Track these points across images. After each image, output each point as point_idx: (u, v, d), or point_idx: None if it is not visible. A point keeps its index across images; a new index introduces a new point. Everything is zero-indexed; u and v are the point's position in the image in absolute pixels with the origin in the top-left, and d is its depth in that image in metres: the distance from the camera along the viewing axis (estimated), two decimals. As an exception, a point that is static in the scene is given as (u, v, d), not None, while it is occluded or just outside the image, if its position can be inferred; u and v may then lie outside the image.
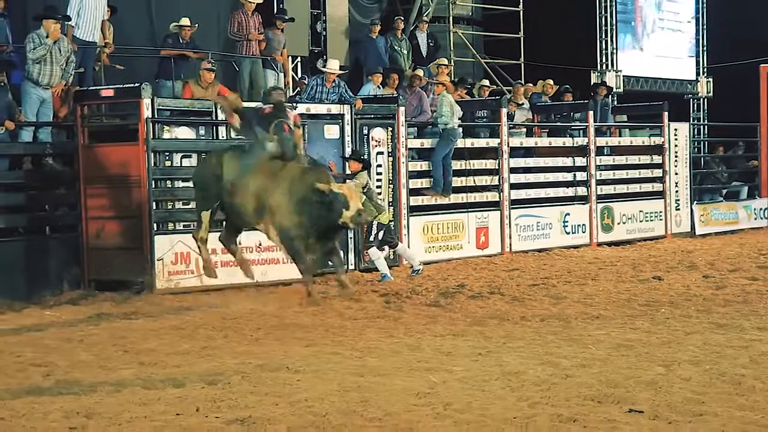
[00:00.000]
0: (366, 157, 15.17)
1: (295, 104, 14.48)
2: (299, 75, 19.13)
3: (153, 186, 13.53)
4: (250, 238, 14.08)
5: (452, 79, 19.41)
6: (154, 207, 13.54)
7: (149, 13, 17.38)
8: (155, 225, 13.52)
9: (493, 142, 18.00)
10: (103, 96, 14.26)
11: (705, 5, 26.71)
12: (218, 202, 12.69)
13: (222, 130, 14.35)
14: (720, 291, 12.86)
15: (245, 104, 13.11)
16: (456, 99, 17.51)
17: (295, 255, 12.50)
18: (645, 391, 7.41)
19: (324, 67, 16.51)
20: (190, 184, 13.38)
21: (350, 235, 15.43)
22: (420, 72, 18.20)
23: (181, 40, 16.10)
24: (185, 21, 16.10)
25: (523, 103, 19.97)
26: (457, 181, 17.12)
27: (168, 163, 13.87)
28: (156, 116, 13.64)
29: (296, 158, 12.51)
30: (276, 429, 6.64)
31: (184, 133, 14.11)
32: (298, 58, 19.35)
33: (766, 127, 23.50)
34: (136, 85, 13.68)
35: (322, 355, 9.25)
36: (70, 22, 14.35)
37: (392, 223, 15.30)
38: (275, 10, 18.27)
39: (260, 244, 14.16)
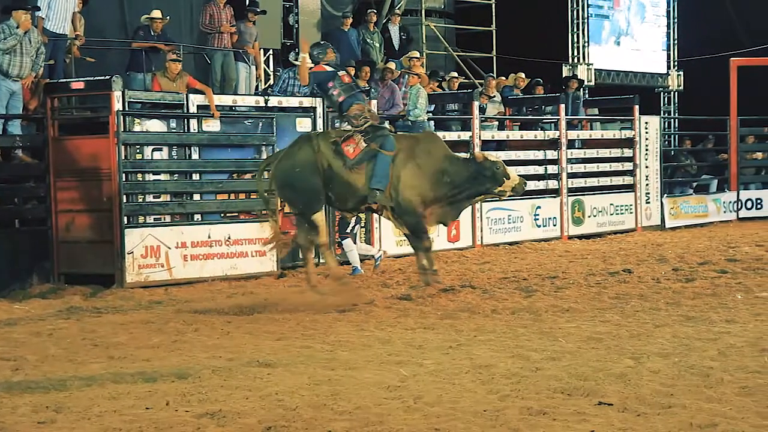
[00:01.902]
0: None
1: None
2: (271, 68, 19.10)
3: (123, 179, 13.48)
4: (219, 232, 14.07)
5: (425, 71, 19.42)
6: (125, 200, 13.49)
7: (121, 5, 17.32)
8: (125, 218, 13.48)
9: (465, 136, 18.02)
10: (73, 88, 14.19)
11: (676, -1, 26.86)
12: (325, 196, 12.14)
13: (193, 123, 14.31)
14: (689, 284, 12.92)
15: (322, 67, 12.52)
16: (428, 92, 17.52)
17: (416, 231, 12.22)
18: (614, 384, 7.43)
19: (296, 60, 16.48)
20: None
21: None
22: (392, 65, 18.20)
23: (152, 33, 16.05)
24: (156, 13, 16.05)
25: (494, 96, 20.01)
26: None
27: (139, 156, 13.82)
28: (127, 109, 13.58)
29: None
30: (246, 422, 6.63)
31: (155, 126, 14.07)
32: (270, 51, 19.31)
33: (736, 121, 23.63)
34: (107, 77, 13.63)
35: (292, 348, 9.25)
36: (40, 13, 14.28)
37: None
38: (247, 3, 18.23)
39: (229, 238, 14.14)
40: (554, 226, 19.22)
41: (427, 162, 12.14)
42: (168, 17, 16.22)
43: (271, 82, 18.18)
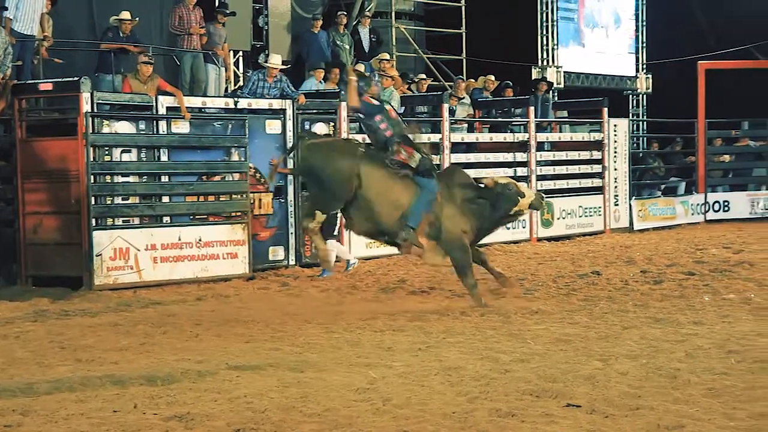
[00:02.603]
0: None
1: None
2: (240, 69, 19.06)
3: (92, 181, 13.41)
4: (189, 234, 14.03)
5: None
6: (93, 202, 13.43)
7: (89, 6, 17.21)
8: (94, 220, 13.41)
9: (435, 138, 18.04)
10: (41, 90, 14.14)
11: (645, 2, 26.94)
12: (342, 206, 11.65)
13: (162, 124, 14.27)
14: (657, 286, 13.00)
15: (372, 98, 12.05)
16: (399, 94, 17.52)
17: (462, 268, 11.68)
18: (583, 386, 7.47)
19: (266, 62, 16.46)
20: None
21: (291, 230, 15.44)
22: (361, 67, 18.18)
23: (121, 34, 15.96)
24: (125, 14, 15.96)
25: (464, 99, 20.04)
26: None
27: (107, 158, 13.76)
28: (95, 110, 13.52)
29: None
30: (215, 425, 6.62)
31: (124, 127, 14.00)
32: (240, 53, 19.27)
33: (704, 124, 23.77)
34: (76, 78, 13.57)
35: (261, 350, 9.24)
36: (7, 14, 14.18)
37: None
38: (217, 4, 18.18)
39: (200, 239, 14.11)
40: (523, 228, 19.24)
41: (463, 197, 11.78)
42: (137, 18, 16.14)
43: (241, 83, 18.12)
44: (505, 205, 11.80)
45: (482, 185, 11.91)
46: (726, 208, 23.78)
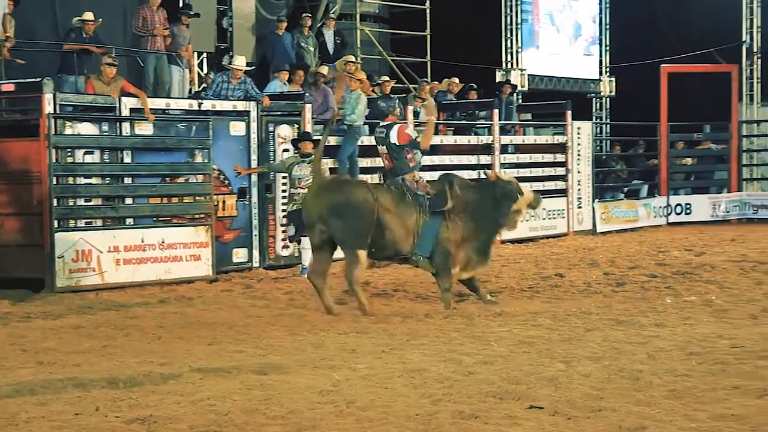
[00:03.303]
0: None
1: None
2: (204, 71, 19.00)
3: (54, 182, 13.33)
4: (152, 236, 13.98)
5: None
6: (55, 204, 13.35)
7: (52, 6, 17.12)
8: (56, 222, 13.34)
9: (399, 140, 18.01)
10: (3, 91, 14.05)
11: (608, 5, 27.08)
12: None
13: (126, 126, 14.20)
14: (620, 288, 13.07)
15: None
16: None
17: (442, 270, 11.76)
18: (545, 388, 7.50)
19: (230, 63, 16.42)
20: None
21: (255, 232, 15.41)
22: (324, 69, 18.18)
23: (84, 35, 15.87)
24: (89, 15, 15.88)
25: (427, 101, 20.05)
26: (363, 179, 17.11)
27: (70, 159, 13.68)
28: (58, 111, 13.44)
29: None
30: (177, 428, 6.60)
31: (87, 129, 13.92)
32: (204, 54, 19.21)
33: (666, 127, 23.92)
34: (38, 79, 13.47)
35: (225, 353, 9.22)
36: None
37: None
38: (181, 6, 18.13)
39: (163, 242, 14.06)
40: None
41: (466, 210, 11.86)
42: (100, 19, 16.05)
43: (205, 85, 18.06)
44: (506, 202, 11.90)
45: (484, 178, 12.09)
46: (688, 211, 23.95)
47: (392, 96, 12.81)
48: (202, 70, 19.01)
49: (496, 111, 20.08)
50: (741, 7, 26.20)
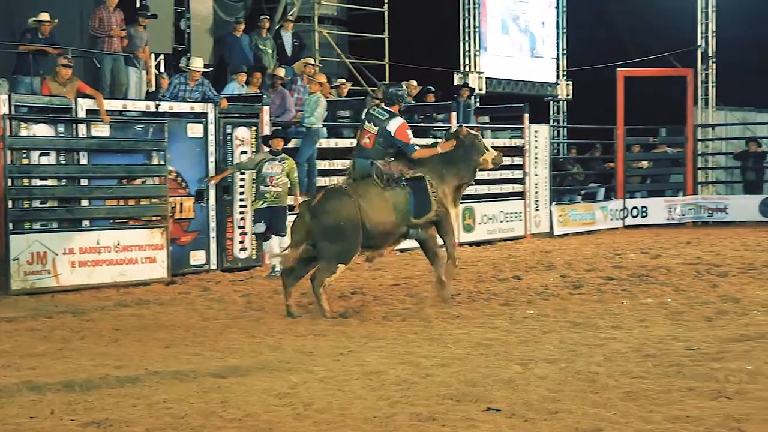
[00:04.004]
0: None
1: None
2: (162, 71, 18.89)
3: (9, 184, 13.23)
4: (108, 238, 13.90)
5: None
6: (10, 205, 13.25)
7: (7, 7, 17.01)
8: (11, 224, 13.23)
9: (357, 143, 18.02)
10: (-42, 91, 13.91)
11: (565, 10, 27.22)
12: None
13: (82, 127, 14.11)
14: (576, 290, 13.13)
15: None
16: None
17: (451, 232, 12.22)
18: (503, 390, 7.52)
19: (187, 65, 16.36)
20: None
21: (212, 235, 15.36)
22: (281, 71, 18.15)
23: (40, 35, 15.75)
24: (44, 16, 15.75)
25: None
26: (321, 182, 17.10)
27: (25, 161, 13.58)
28: (13, 113, 13.34)
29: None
30: (134, 431, 6.56)
31: (42, 130, 13.83)
32: (161, 56, 19.12)
33: (623, 130, 24.07)
34: (-7, 80, 13.39)
35: (182, 355, 9.18)
36: None
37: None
38: (138, 7, 18.03)
39: (118, 244, 13.98)
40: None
41: (441, 172, 12.14)
42: (56, 20, 15.94)
43: (162, 88, 17.96)
44: (474, 156, 12.32)
45: (454, 132, 12.46)
46: (644, 214, 24.11)
47: (402, 84, 12.78)
48: (160, 71, 18.91)
49: (453, 114, 20.14)
50: (696, 12, 26.42)
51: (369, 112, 12.26)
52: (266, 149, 15.07)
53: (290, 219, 13.78)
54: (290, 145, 16.87)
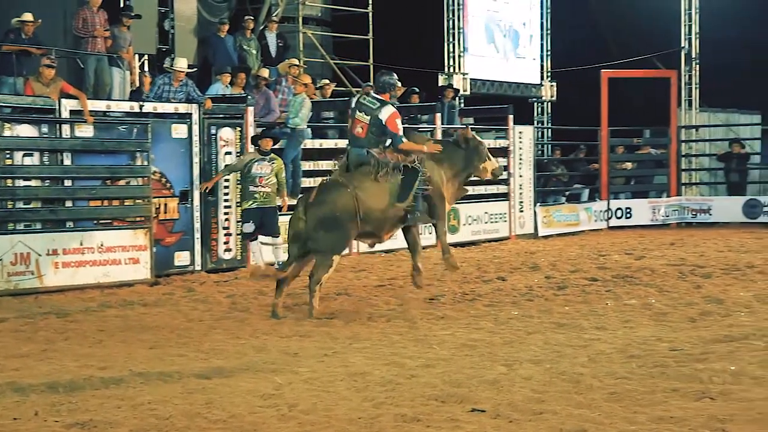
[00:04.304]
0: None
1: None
2: (146, 71, 18.82)
3: (-8, 185, 13.20)
4: (91, 239, 13.86)
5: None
6: (-6, 206, 13.22)
7: (-9, 7, 16.94)
8: (-6, 225, 13.21)
9: (342, 143, 18.03)
10: (-59, 92, 13.87)
11: (549, 11, 27.26)
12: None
13: (66, 128, 14.07)
14: (561, 291, 13.15)
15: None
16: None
17: (442, 218, 12.33)
18: (487, 391, 7.53)
19: (172, 65, 16.32)
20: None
21: (197, 235, 15.32)
22: (265, 71, 18.13)
23: (23, 36, 15.68)
24: (28, 16, 15.69)
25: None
26: (306, 182, 17.09)
27: (9, 162, 13.53)
28: (-4, 113, 13.30)
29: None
30: (118, 433, 6.56)
31: (26, 130, 13.78)
32: (145, 56, 19.07)
33: (607, 131, 24.11)
34: (-24, 81, 13.34)
35: (166, 357, 9.16)
36: None
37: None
38: (121, 7, 17.98)
39: (102, 245, 13.94)
40: (429, 234, 19.31)
41: (440, 163, 12.34)
42: (40, 20, 15.87)
43: (144, 89, 17.90)
44: (475, 161, 12.58)
45: (459, 135, 12.76)
46: (628, 215, 24.16)
47: (393, 73, 12.81)
48: (143, 72, 18.86)
49: (438, 115, 20.15)
50: (680, 13, 26.49)
51: (359, 101, 12.27)
52: (252, 149, 15.08)
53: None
54: (276, 146, 16.87)
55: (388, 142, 12.03)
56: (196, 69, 18.50)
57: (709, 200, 24.76)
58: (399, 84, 12.60)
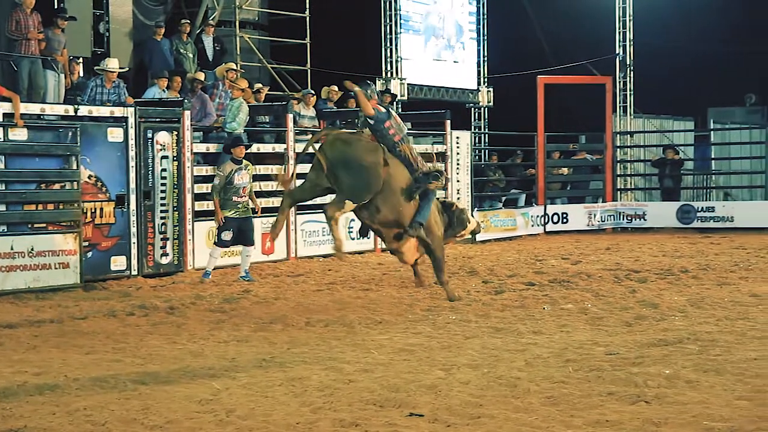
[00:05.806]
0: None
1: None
2: (81, 74, 18.63)
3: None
4: (22, 243, 13.69)
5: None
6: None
7: None
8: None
9: (279, 148, 18.01)
10: None
11: (486, 17, 27.40)
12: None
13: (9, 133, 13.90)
14: (498, 296, 13.21)
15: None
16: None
17: (441, 264, 13.04)
18: (425, 395, 7.54)
19: (102, 66, 16.17)
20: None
21: (133, 240, 15.19)
22: (201, 75, 18.04)
23: (-45, 39, 15.51)
24: (-40, 18, 15.51)
25: (309, 112, 20.01)
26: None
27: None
28: (-73, 116, 13.10)
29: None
30: (53, 439, 6.48)
31: (-41, 134, 13.60)
32: (80, 59, 18.87)
33: (543, 137, 24.30)
34: None
35: (102, 362, 9.07)
36: None
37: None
38: (56, 9, 17.78)
39: (32, 249, 13.77)
40: (367, 238, 19.32)
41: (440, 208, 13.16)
42: (-28, 23, 15.69)
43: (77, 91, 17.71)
44: (458, 228, 13.37)
45: (452, 205, 13.49)
46: (564, 220, 24.34)
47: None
48: (80, 74, 18.66)
49: (375, 120, 20.12)
50: (614, 20, 26.76)
51: (359, 121, 13.03)
52: (230, 158, 15.17)
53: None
54: (211, 150, 16.80)
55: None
56: (128, 69, 18.36)
57: (644, 206, 25.03)
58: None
